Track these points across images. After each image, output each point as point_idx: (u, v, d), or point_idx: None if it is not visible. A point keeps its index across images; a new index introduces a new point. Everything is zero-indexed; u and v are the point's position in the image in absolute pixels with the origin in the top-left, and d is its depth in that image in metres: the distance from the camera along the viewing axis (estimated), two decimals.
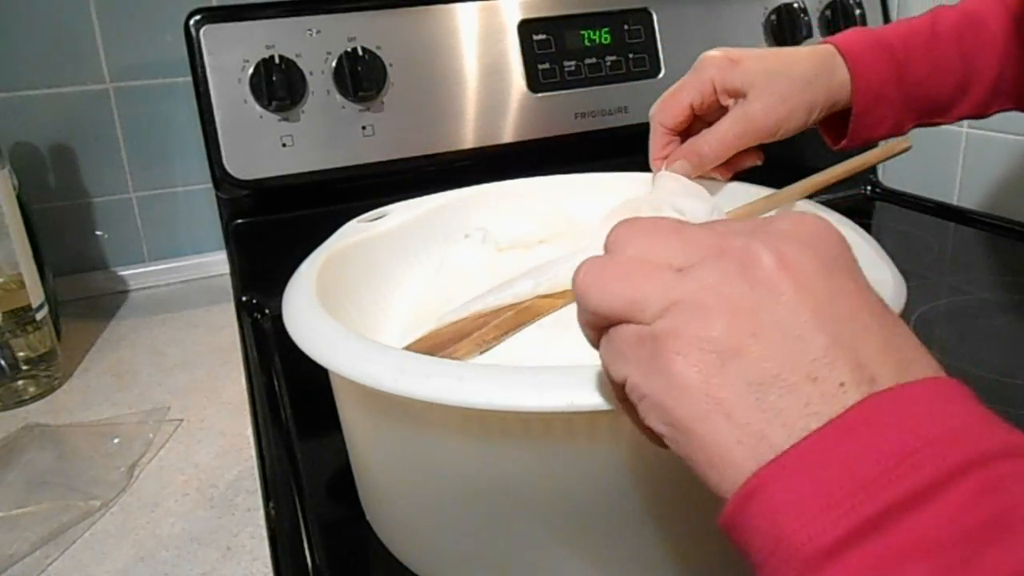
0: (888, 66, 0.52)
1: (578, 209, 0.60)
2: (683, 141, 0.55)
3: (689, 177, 0.53)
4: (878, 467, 0.19)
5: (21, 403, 0.60)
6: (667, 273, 0.24)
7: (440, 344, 0.44)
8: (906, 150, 0.55)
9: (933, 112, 0.54)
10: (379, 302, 0.54)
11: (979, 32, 0.53)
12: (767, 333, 0.21)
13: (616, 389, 0.26)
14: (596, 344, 0.26)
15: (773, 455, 0.20)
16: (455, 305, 0.47)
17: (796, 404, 0.21)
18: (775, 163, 0.56)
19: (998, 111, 0.56)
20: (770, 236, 0.23)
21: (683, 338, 0.22)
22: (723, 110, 0.53)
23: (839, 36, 0.53)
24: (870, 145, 0.56)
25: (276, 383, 0.62)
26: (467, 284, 0.51)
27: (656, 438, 0.24)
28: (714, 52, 0.53)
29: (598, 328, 0.26)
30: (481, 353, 0.43)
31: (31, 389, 0.61)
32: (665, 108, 0.54)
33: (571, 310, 0.45)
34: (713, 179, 0.55)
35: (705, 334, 0.22)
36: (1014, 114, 0.56)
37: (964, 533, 0.18)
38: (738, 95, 0.51)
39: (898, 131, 0.54)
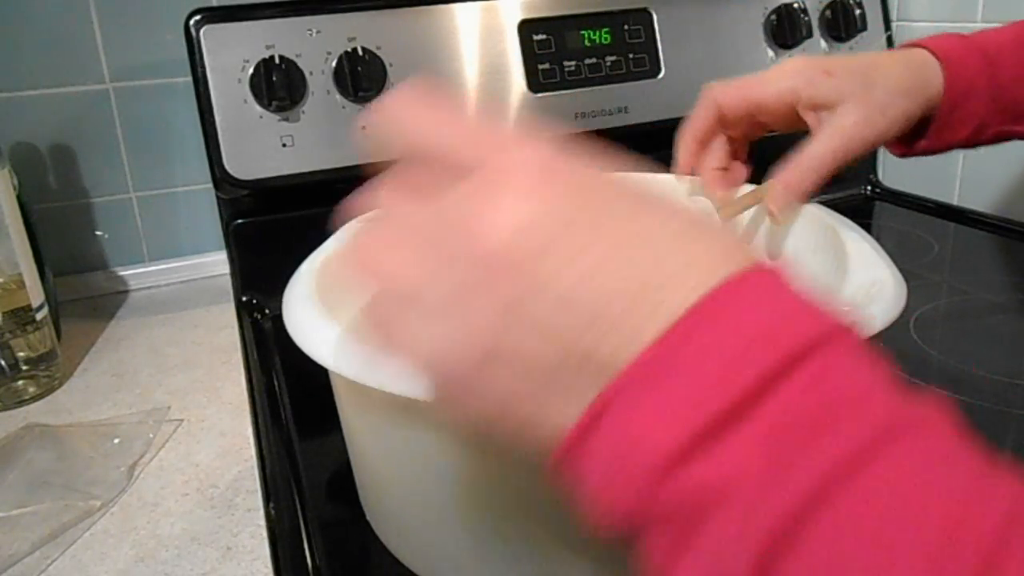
0: (980, 62, 0.49)
1: None
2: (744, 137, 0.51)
3: (781, 215, 0.47)
4: (714, 371, 0.20)
5: (21, 403, 0.60)
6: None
7: None
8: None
9: (1019, 116, 0.52)
10: None
11: None
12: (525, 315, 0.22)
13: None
14: None
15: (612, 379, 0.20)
16: None
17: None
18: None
19: None
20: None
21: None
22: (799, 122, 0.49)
23: (926, 39, 0.51)
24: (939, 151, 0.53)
25: (276, 383, 0.62)
26: None
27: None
28: (801, 60, 0.48)
29: None
30: None
31: (31, 389, 0.61)
32: (731, 89, 0.48)
33: None
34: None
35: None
36: None
37: (793, 425, 0.19)
38: (826, 108, 0.47)
39: (979, 136, 0.51)
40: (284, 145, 0.73)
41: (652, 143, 0.81)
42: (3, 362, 0.60)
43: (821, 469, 0.18)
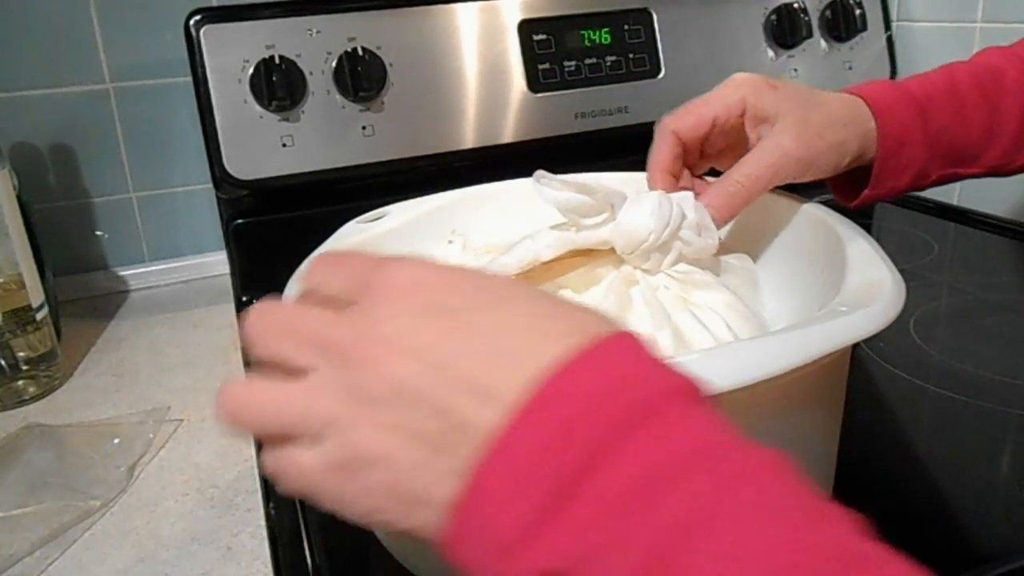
0: (911, 111, 0.50)
1: None
2: (687, 165, 0.52)
3: (718, 226, 0.47)
4: (552, 441, 0.20)
5: (21, 403, 0.60)
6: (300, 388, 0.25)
7: None
8: None
9: (959, 160, 0.53)
10: None
11: (999, 81, 0.52)
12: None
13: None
14: None
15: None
16: None
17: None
18: None
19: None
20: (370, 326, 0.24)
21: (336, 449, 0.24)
22: (737, 140, 0.50)
23: (859, 87, 0.51)
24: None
25: None
26: None
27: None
28: (748, 75, 0.49)
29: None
30: None
31: (31, 389, 0.61)
32: (685, 116, 0.49)
33: None
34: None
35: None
36: None
37: (636, 486, 0.19)
38: (767, 122, 0.48)
39: (922, 181, 0.52)
40: (284, 145, 0.73)
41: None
42: (3, 362, 0.60)
43: (660, 532, 0.19)
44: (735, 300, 0.44)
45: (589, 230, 0.46)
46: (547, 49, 0.81)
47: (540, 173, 0.45)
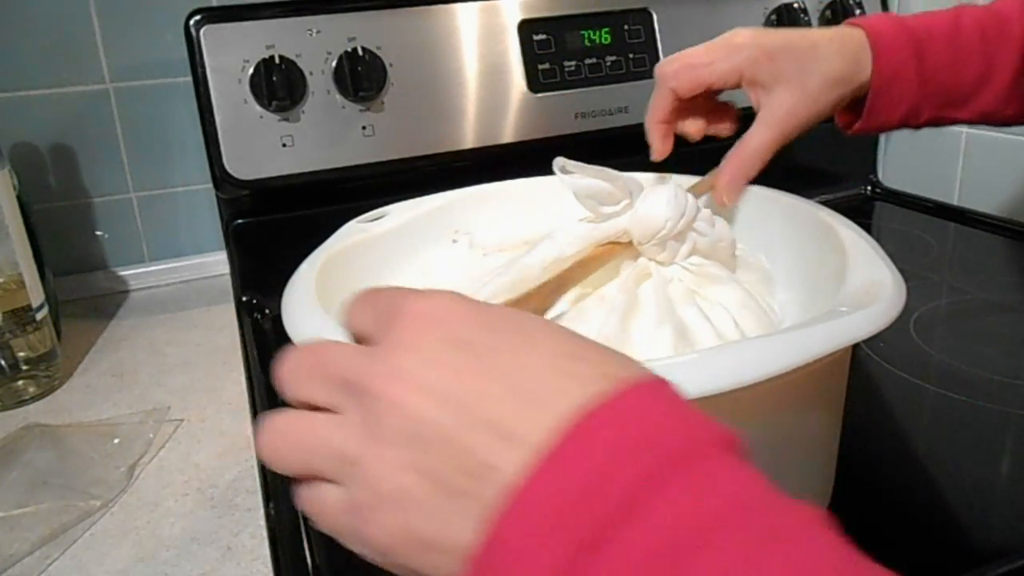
0: (908, 46, 0.52)
1: (578, 209, 0.59)
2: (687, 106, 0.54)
3: (731, 200, 0.52)
4: (580, 491, 0.19)
5: (21, 403, 0.60)
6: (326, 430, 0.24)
7: None
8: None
9: (951, 103, 0.54)
10: None
11: (1002, 29, 0.53)
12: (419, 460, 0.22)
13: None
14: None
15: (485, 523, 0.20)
16: None
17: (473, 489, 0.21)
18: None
19: (1015, 116, 0.54)
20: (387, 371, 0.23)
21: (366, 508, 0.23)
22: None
23: (864, 19, 0.53)
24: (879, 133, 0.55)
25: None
26: (460, 287, 0.51)
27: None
28: (747, 38, 0.52)
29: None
30: None
31: (31, 389, 0.61)
32: (683, 75, 0.52)
33: (566, 319, 0.45)
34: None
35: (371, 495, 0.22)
36: None
37: (665, 546, 0.18)
38: (765, 89, 0.51)
39: (914, 119, 0.54)
40: (284, 145, 0.73)
41: None
42: (3, 362, 0.60)
43: None
44: (748, 297, 0.44)
45: (608, 220, 0.46)
46: (547, 49, 0.81)
47: (561, 160, 0.45)
